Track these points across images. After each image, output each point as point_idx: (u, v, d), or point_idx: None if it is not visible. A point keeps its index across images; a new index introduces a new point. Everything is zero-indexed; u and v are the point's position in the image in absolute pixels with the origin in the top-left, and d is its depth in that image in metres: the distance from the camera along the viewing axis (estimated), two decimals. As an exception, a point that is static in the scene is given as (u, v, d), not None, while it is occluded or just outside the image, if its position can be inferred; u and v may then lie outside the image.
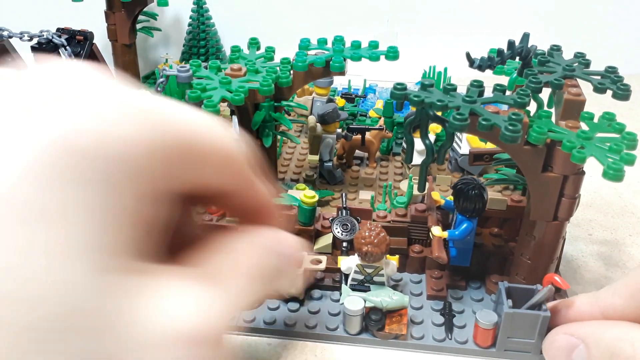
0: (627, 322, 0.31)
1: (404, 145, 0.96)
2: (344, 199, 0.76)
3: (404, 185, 0.87)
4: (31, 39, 0.75)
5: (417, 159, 0.81)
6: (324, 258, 0.70)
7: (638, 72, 1.23)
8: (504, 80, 0.69)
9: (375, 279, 0.66)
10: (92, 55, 0.80)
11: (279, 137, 0.90)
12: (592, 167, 0.58)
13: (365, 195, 0.85)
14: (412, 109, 0.62)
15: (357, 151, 0.93)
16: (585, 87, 0.64)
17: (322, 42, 0.77)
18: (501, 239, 0.75)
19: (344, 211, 0.73)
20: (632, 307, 0.32)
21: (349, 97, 1.12)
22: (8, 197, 0.13)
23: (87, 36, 0.78)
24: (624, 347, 0.29)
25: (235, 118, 0.84)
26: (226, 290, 0.18)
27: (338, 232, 0.71)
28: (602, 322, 0.32)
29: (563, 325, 0.34)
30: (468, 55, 0.74)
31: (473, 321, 0.65)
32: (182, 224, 0.22)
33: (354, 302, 0.64)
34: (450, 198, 0.71)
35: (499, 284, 0.63)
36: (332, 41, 0.76)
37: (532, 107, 0.62)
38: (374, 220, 0.74)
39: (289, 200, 0.73)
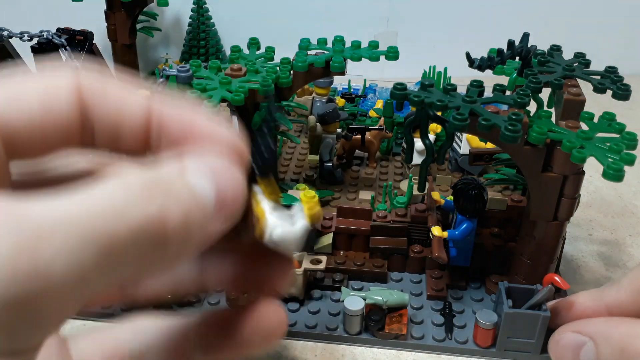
0: (636, 318, 0.31)
1: (404, 145, 0.96)
2: None
3: (404, 185, 0.87)
4: (31, 39, 0.75)
5: (417, 159, 0.81)
6: (324, 258, 0.70)
7: (638, 72, 1.23)
8: (504, 80, 0.69)
9: None
10: (92, 55, 0.80)
11: (279, 137, 0.90)
12: (592, 167, 0.58)
13: (365, 195, 0.85)
14: (412, 109, 0.62)
15: (357, 151, 0.93)
16: (585, 87, 0.64)
17: (322, 42, 0.77)
18: (501, 239, 0.75)
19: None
20: (638, 302, 0.31)
21: (349, 97, 1.12)
22: None
23: (87, 36, 0.78)
24: (634, 343, 0.29)
25: (235, 118, 0.84)
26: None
27: None
28: (611, 318, 0.32)
29: (569, 323, 0.34)
30: (468, 55, 0.74)
31: (473, 321, 0.65)
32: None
33: (354, 302, 0.64)
34: (450, 198, 0.71)
35: (499, 284, 0.63)
36: (332, 41, 0.76)
37: (532, 107, 0.62)
38: (374, 221, 0.74)
39: (289, 201, 0.73)
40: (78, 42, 0.78)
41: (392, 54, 0.73)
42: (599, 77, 0.65)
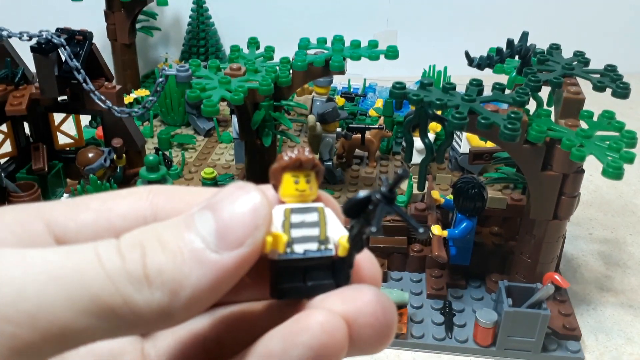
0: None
1: (404, 144, 0.96)
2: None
3: (403, 184, 0.87)
4: (30, 39, 0.75)
5: (417, 158, 0.81)
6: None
7: (637, 70, 1.23)
8: (503, 79, 0.69)
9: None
10: (92, 55, 0.80)
11: (278, 136, 0.90)
12: (592, 166, 0.58)
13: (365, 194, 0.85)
14: (412, 108, 0.62)
15: (357, 150, 0.93)
16: (585, 86, 0.64)
17: (321, 42, 0.77)
18: (501, 238, 0.75)
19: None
20: None
21: (348, 96, 1.12)
22: None
23: (87, 36, 0.78)
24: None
25: (234, 118, 0.84)
26: None
27: None
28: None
29: None
30: (467, 54, 0.74)
31: (473, 320, 0.65)
32: None
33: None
34: (450, 197, 0.71)
35: (499, 282, 0.63)
36: (331, 40, 0.76)
37: (532, 105, 0.62)
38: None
39: None
40: (77, 42, 0.78)
41: (392, 53, 0.72)
42: (598, 76, 0.65)
